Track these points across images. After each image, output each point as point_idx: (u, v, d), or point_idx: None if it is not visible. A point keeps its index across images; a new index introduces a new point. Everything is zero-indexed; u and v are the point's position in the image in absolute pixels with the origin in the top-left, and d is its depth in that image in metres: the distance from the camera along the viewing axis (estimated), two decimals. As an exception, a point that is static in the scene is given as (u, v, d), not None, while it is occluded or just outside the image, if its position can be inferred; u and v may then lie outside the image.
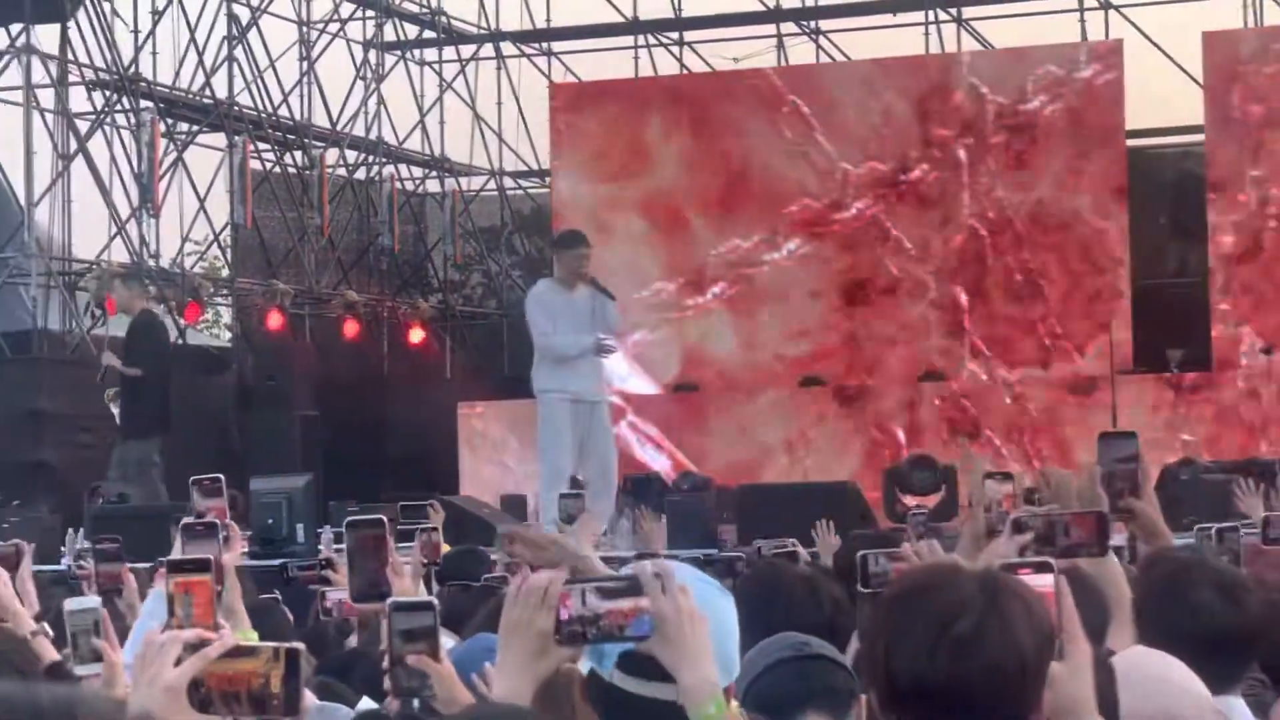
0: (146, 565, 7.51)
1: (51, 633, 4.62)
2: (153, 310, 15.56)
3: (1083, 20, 23.71)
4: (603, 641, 3.03)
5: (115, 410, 15.14)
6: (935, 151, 22.27)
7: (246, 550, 12.78)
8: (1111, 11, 23.29)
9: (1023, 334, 21.81)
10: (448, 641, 4.63)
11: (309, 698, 4.04)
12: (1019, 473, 8.08)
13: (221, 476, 5.31)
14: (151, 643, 2.83)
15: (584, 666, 3.24)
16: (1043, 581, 3.06)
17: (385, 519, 4.76)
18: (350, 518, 4.92)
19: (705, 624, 3.07)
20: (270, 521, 13.28)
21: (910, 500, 16.02)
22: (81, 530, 14.36)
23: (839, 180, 22.55)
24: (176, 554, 4.87)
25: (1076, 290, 21.73)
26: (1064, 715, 3.01)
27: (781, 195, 22.70)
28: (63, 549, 13.97)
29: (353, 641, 6.46)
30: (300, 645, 2.82)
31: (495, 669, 3.16)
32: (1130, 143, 22.56)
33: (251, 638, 4.58)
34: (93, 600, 4.08)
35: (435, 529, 8.17)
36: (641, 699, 3.15)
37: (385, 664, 3.72)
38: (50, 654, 4.39)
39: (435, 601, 3.96)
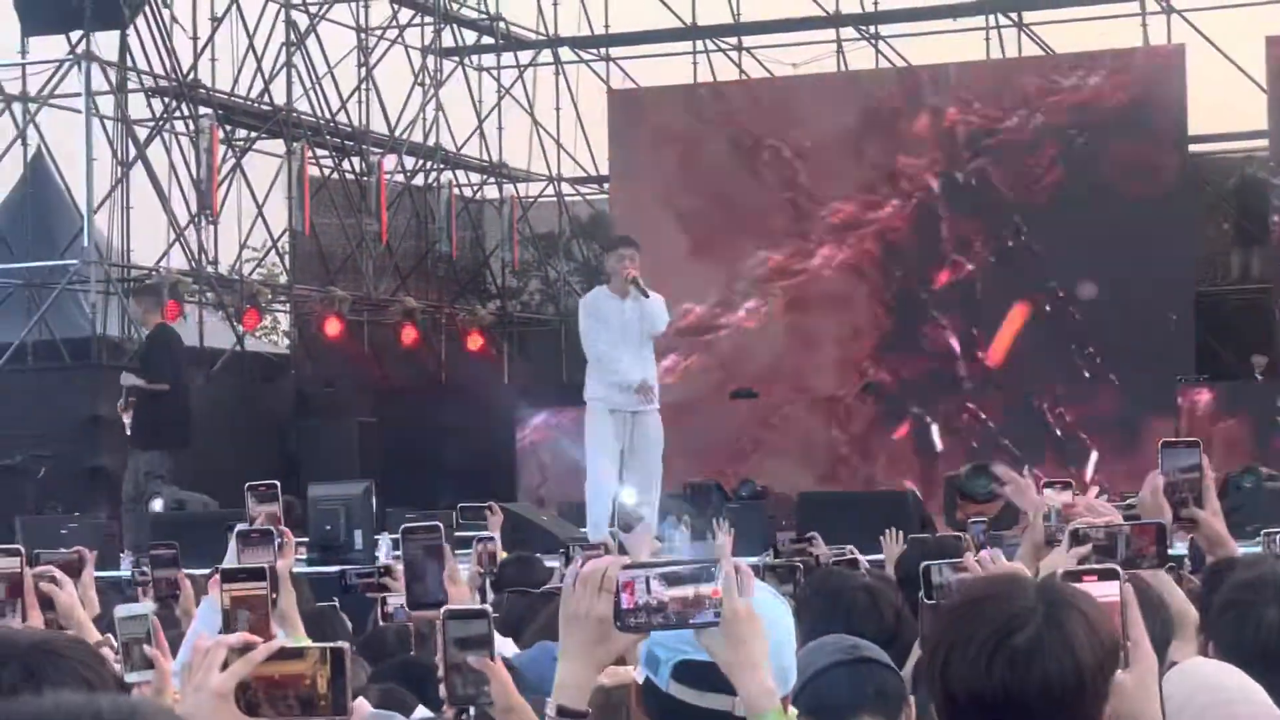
0: (203, 572, 7.47)
1: (115, 644, 4.60)
2: (166, 324, 15.65)
3: (1144, 25, 23.56)
4: (665, 629, 2.98)
5: (126, 420, 15.17)
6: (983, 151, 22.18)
7: (303, 557, 12.86)
8: (1174, 16, 23.12)
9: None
10: (507, 648, 4.59)
11: (364, 705, 4.00)
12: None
13: (276, 483, 5.29)
14: (199, 649, 2.83)
15: (639, 676, 3.20)
16: (1108, 590, 3.01)
17: (441, 526, 4.72)
18: (406, 525, 4.88)
19: (764, 631, 3.03)
20: (328, 528, 13.28)
21: (971, 508, 15.90)
22: (140, 536, 14.39)
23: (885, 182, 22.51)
24: (231, 560, 4.85)
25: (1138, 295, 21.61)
26: None
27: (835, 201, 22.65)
28: (121, 555, 14.01)
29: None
30: (346, 645, 2.81)
31: (559, 656, 3.12)
32: (1192, 148, 22.41)
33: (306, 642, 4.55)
34: (144, 607, 4.06)
35: (492, 538, 8.13)
36: (698, 710, 3.12)
37: (440, 672, 3.69)
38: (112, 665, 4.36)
39: (490, 609, 3.93)
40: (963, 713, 2.83)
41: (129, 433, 14.96)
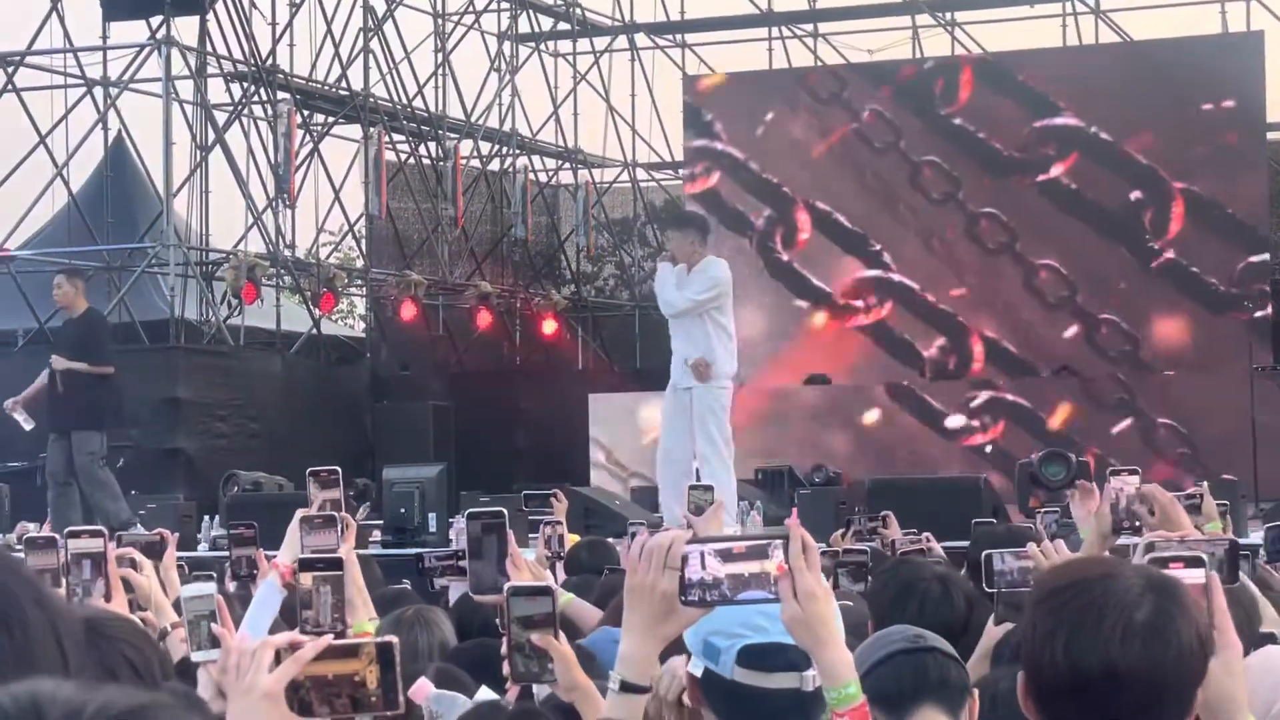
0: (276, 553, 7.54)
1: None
2: (94, 307, 15.71)
3: (1223, 11, 23.42)
4: (724, 604, 2.99)
5: (19, 418, 15.10)
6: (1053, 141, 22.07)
7: (378, 540, 12.95)
8: (1252, 1, 22.95)
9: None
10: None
11: (427, 685, 4.04)
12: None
13: (338, 469, 5.32)
14: (244, 651, 2.79)
15: (694, 669, 3.21)
16: (1194, 576, 3.07)
17: (505, 511, 4.74)
18: (470, 510, 4.91)
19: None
20: (403, 511, 13.35)
21: (1043, 495, 15.83)
22: (216, 518, 14.51)
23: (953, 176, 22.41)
24: (295, 544, 4.90)
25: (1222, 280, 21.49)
26: (1218, 712, 3.01)
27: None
28: (199, 536, 14.13)
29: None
30: (393, 639, 2.79)
31: (622, 631, 3.12)
32: (1271, 135, 22.26)
33: (370, 629, 4.60)
34: (209, 586, 4.10)
35: (559, 521, 8.15)
36: (767, 692, 3.13)
37: (504, 649, 3.70)
38: (183, 648, 4.41)
39: (554, 586, 3.94)
40: (1092, 688, 2.86)
41: (55, 415, 14.88)
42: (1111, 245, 21.86)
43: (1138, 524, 5.57)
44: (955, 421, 20.85)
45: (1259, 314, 21.39)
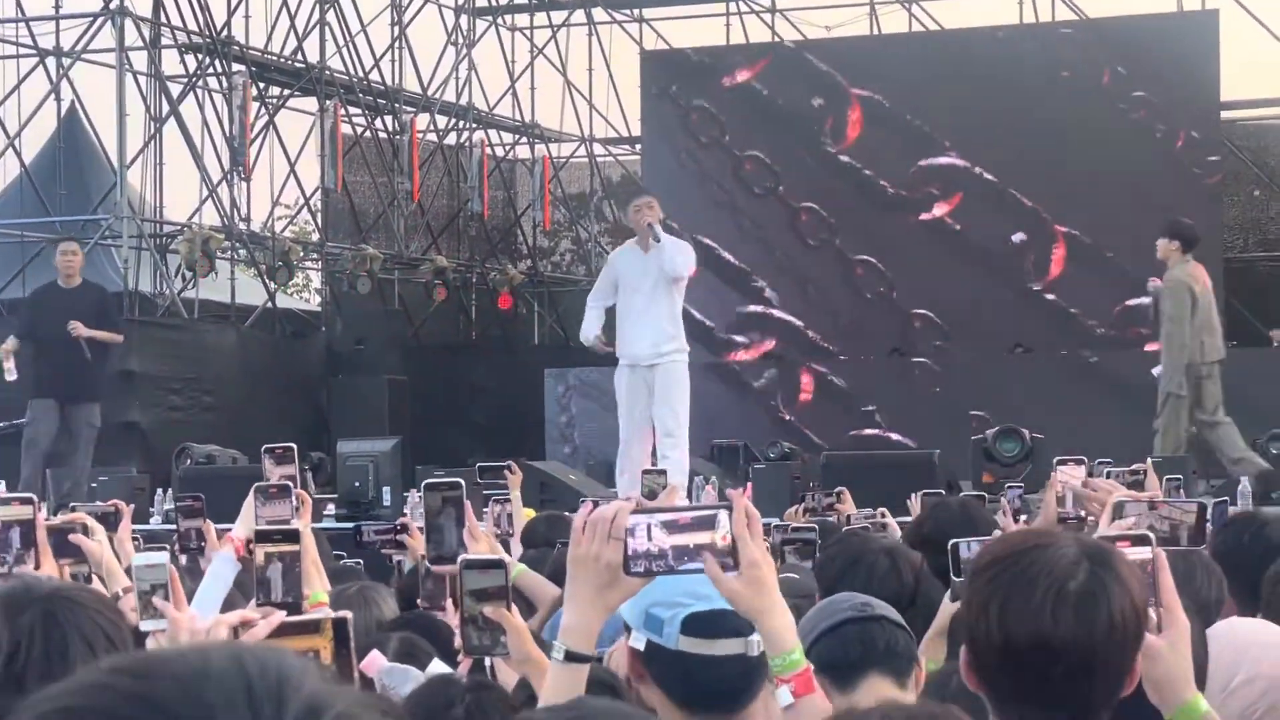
0: (229, 527, 7.53)
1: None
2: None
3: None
4: (669, 574, 3.00)
5: (8, 365, 15.03)
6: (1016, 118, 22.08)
7: (332, 513, 12.93)
8: None
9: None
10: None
11: (379, 658, 4.03)
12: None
13: (294, 445, 5.34)
14: (197, 630, 2.76)
15: (636, 642, 3.21)
16: (1140, 554, 3.07)
17: (463, 482, 4.75)
18: (428, 480, 4.91)
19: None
20: (357, 485, 13.34)
21: (996, 470, 15.88)
22: (170, 490, 14.47)
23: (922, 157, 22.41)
24: (250, 518, 4.90)
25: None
26: (1163, 688, 3.03)
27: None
28: (151, 509, 14.09)
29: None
30: (348, 614, 2.78)
31: (565, 601, 3.14)
32: (1225, 114, 22.32)
33: (325, 599, 4.59)
34: (161, 556, 4.07)
35: (508, 500, 8.16)
36: (713, 659, 3.14)
37: (457, 622, 3.69)
38: (133, 616, 4.40)
39: (507, 559, 3.95)
40: (1024, 658, 2.88)
41: (78, 384, 14.89)
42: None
43: (1083, 514, 5.60)
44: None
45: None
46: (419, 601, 5.18)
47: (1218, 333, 14.62)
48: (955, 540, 5.40)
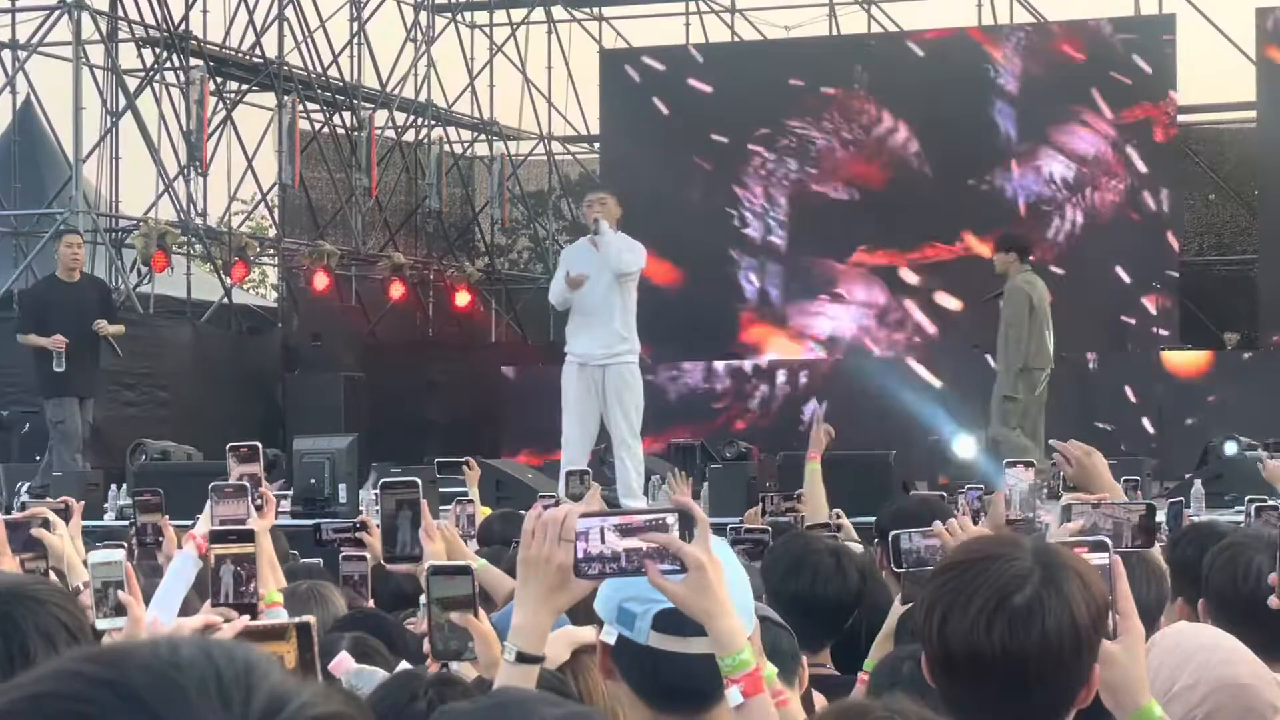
0: (186, 523, 7.51)
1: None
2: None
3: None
4: (620, 576, 3.00)
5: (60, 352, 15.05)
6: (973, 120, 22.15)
7: (287, 510, 12.89)
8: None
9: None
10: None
11: (347, 659, 4.03)
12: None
13: (258, 444, 5.31)
14: (157, 634, 2.76)
15: (608, 636, 3.21)
16: (1097, 560, 3.08)
17: (419, 482, 4.74)
18: (384, 480, 4.90)
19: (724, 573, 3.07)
20: (312, 481, 13.30)
21: (951, 471, 15.93)
22: (124, 486, 14.41)
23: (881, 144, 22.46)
24: (206, 515, 4.88)
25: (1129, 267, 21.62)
26: (1118, 694, 3.03)
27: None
28: (105, 505, 14.03)
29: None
30: (310, 619, 2.78)
31: (515, 602, 3.14)
32: (1181, 118, 22.41)
33: (279, 599, 4.58)
34: (118, 553, 4.05)
35: (471, 500, 8.14)
36: (683, 657, 3.12)
37: (424, 628, 3.70)
38: (89, 613, 4.39)
39: (474, 565, 3.95)
40: (960, 670, 2.90)
41: (94, 379, 14.93)
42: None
43: (1031, 516, 5.61)
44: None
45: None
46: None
47: (1047, 343, 14.74)
48: (896, 532, 5.42)
